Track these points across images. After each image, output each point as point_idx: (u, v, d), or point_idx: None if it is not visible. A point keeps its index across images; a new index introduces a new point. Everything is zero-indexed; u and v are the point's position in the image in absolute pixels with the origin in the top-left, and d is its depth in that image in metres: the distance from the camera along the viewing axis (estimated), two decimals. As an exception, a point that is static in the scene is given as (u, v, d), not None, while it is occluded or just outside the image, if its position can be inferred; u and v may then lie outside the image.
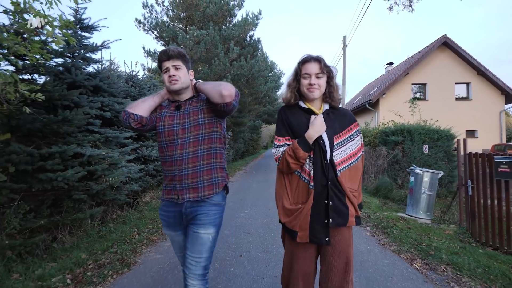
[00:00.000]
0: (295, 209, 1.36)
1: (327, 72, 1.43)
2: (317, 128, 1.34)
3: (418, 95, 16.01)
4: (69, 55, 3.91)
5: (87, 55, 4.10)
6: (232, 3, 12.89)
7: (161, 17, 13.32)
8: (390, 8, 10.93)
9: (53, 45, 3.13)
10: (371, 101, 15.08)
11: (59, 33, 2.34)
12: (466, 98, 15.78)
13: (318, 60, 1.40)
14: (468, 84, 15.73)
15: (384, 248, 3.17)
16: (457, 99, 15.67)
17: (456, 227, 3.97)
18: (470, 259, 2.79)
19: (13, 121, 2.87)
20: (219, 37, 11.35)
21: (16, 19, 2.28)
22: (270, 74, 24.13)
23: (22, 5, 2.21)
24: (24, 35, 2.46)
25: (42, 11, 2.24)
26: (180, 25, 13.55)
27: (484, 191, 3.59)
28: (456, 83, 15.62)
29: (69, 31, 3.09)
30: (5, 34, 2.12)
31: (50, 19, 2.22)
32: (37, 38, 2.56)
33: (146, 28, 13.15)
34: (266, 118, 28.32)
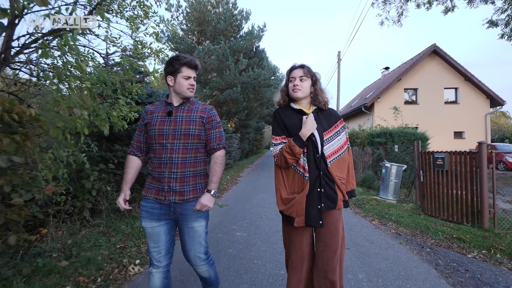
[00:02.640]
0: (291, 198, 1.53)
1: (311, 76, 1.62)
2: (309, 126, 1.51)
3: (414, 97, 17.30)
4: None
5: (145, 79, 5.64)
6: (239, 16, 14.40)
7: (176, 30, 14.84)
8: (381, 23, 12.42)
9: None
10: (366, 104, 16.43)
11: (152, 77, 3.86)
12: (455, 102, 16.98)
13: (302, 66, 1.62)
14: (456, 89, 16.95)
15: (355, 214, 4.69)
16: (446, 103, 16.87)
17: (413, 205, 5.48)
18: (409, 219, 4.30)
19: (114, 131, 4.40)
20: (229, 50, 12.85)
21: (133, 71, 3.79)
22: (273, 77, 25.65)
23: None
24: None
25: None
26: (193, 37, 15.08)
27: (430, 178, 5.08)
28: (445, 88, 16.82)
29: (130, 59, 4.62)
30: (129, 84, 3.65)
31: (150, 70, 3.74)
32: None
33: (162, 41, 14.67)
34: (269, 120, 29.76)
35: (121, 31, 3.37)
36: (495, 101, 16.66)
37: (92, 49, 3.47)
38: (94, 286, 2.22)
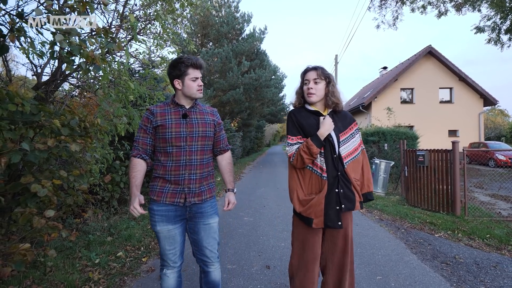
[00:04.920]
0: (309, 199, 1.52)
1: (325, 77, 1.61)
2: (327, 126, 1.53)
3: (410, 97, 17.88)
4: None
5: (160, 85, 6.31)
6: (241, 19, 14.99)
7: (181, 33, 15.44)
8: (378, 26, 13.02)
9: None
10: (364, 104, 17.05)
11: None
12: (449, 102, 17.55)
13: (315, 68, 1.62)
14: (450, 89, 17.51)
15: (347, 204, 5.37)
16: (441, 102, 17.44)
17: (399, 197, 6.15)
18: (393, 208, 4.97)
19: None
20: (232, 52, 13.47)
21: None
22: (273, 77, 26.27)
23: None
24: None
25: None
26: (197, 40, 15.69)
27: (413, 173, 5.74)
28: (440, 88, 17.38)
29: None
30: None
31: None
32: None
33: (167, 44, 15.25)
34: (270, 118, 30.37)
35: (149, 48, 4.02)
36: (488, 100, 17.25)
37: (127, 65, 4.13)
38: (139, 252, 2.91)
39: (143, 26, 3.50)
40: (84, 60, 1.88)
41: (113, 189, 4.55)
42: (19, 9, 1.84)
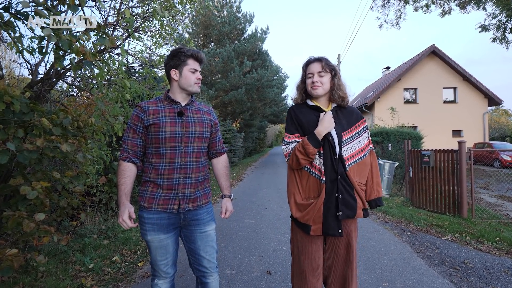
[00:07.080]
0: (307, 204, 1.41)
1: (330, 70, 1.49)
2: (326, 124, 1.39)
3: (413, 97, 17.71)
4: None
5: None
6: (243, 19, 14.92)
7: (182, 33, 15.40)
8: (380, 26, 12.89)
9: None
10: (367, 104, 16.90)
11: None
12: (453, 101, 17.37)
13: (319, 59, 1.49)
14: (454, 88, 17.34)
15: (350, 206, 5.25)
16: (444, 102, 17.27)
17: (404, 198, 6.01)
18: (397, 210, 4.84)
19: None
20: (233, 52, 13.39)
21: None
22: (275, 77, 26.17)
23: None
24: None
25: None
26: (198, 40, 15.64)
27: (418, 173, 5.61)
28: (443, 88, 17.23)
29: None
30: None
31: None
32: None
33: (167, 43, 15.21)
34: (272, 119, 30.29)
35: (148, 46, 3.94)
36: (492, 100, 17.07)
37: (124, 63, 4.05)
38: (136, 256, 2.81)
39: (140, 23, 3.42)
40: (74, 55, 1.79)
41: (111, 191, 4.46)
42: (6, 2, 1.76)
